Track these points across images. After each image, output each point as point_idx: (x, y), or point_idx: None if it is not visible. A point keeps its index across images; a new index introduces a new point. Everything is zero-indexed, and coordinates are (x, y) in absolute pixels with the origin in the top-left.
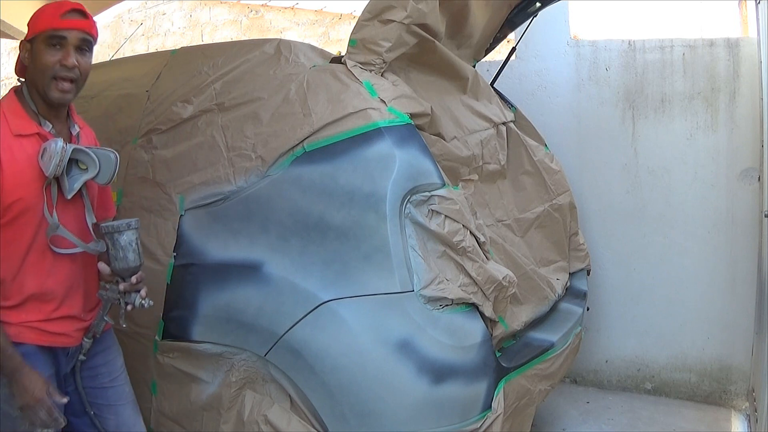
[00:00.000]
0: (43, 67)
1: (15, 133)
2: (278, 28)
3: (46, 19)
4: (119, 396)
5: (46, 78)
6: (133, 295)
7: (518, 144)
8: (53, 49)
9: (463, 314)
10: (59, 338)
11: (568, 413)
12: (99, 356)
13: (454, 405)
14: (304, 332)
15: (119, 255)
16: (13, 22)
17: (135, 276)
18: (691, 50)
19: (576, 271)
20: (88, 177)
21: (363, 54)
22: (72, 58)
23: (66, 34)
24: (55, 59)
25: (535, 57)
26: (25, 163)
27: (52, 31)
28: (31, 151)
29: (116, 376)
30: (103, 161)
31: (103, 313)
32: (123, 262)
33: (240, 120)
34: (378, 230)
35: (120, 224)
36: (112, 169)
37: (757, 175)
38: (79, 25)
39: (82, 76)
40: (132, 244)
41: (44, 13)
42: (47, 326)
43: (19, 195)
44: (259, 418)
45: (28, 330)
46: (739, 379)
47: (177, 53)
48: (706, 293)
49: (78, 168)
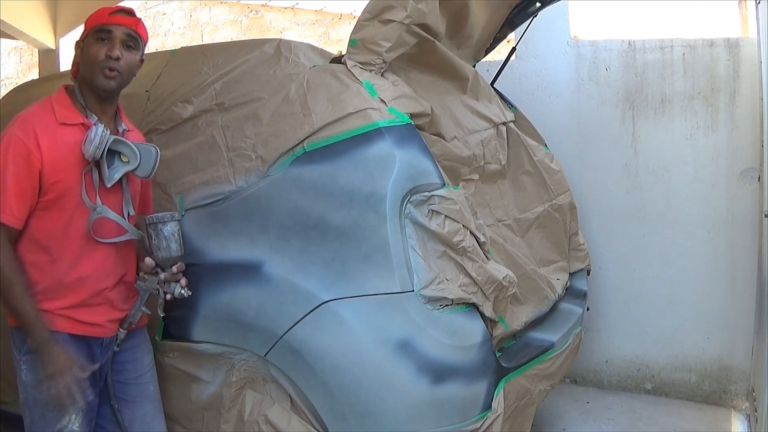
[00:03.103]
0: (91, 59)
1: (60, 122)
2: (278, 28)
3: (97, 18)
4: (141, 393)
5: (94, 68)
6: (173, 284)
7: (518, 144)
8: (101, 43)
9: (463, 314)
10: (91, 328)
11: (568, 413)
12: (128, 352)
13: (454, 405)
14: (304, 332)
15: (162, 245)
16: (13, 22)
17: (176, 266)
18: (691, 50)
19: (576, 271)
20: (128, 169)
21: (363, 54)
22: (117, 50)
23: (112, 29)
24: (102, 51)
25: (535, 57)
26: (66, 148)
27: (100, 26)
28: (74, 139)
29: (142, 373)
30: (144, 154)
31: (141, 303)
32: (166, 252)
33: (240, 120)
34: (378, 230)
35: (164, 215)
36: (152, 163)
37: (757, 175)
38: (125, 22)
39: (128, 70)
40: (175, 235)
41: (95, 14)
42: (79, 314)
43: (59, 177)
44: (259, 417)
45: (60, 318)
46: (739, 379)
47: (177, 53)
48: (706, 293)
49: (119, 160)
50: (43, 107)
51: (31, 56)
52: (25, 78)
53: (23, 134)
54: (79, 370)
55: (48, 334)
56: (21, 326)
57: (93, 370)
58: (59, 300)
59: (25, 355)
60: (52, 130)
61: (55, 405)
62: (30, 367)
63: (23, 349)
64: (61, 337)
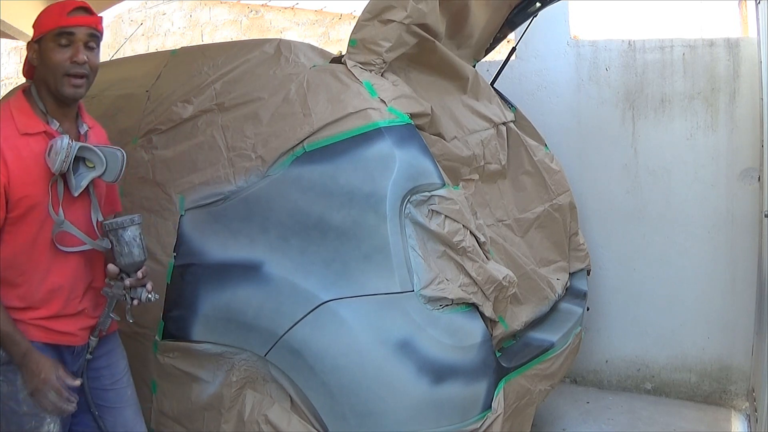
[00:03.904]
0: (54, 65)
1: (22, 132)
2: (278, 28)
3: (53, 17)
4: (120, 399)
5: (58, 76)
6: (139, 290)
7: (518, 144)
8: (62, 47)
9: (463, 314)
10: (64, 337)
11: (568, 413)
12: (102, 358)
13: (454, 405)
14: (304, 332)
15: (124, 251)
16: (13, 22)
17: (140, 271)
18: (691, 50)
19: (576, 271)
20: (95, 175)
21: (363, 54)
22: (82, 54)
23: (74, 30)
24: (65, 56)
25: (535, 57)
26: (31, 160)
27: (60, 29)
28: (38, 150)
29: (118, 378)
30: (109, 159)
31: (109, 310)
32: (128, 258)
33: (240, 120)
34: (378, 230)
35: (123, 220)
36: (119, 167)
37: (757, 175)
38: (86, 22)
39: (92, 72)
40: (136, 240)
41: (50, 12)
42: (53, 324)
43: (25, 192)
44: (259, 417)
45: (33, 327)
46: (739, 379)
47: (177, 53)
48: (706, 293)
49: (85, 166)
50: (3, 117)
51: None
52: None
53: None
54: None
55: (28, 344)
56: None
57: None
58: (33, 311)
59: (1, 366)
60: (14, 142)
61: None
62: (6, 378)
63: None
64: (35, 346)
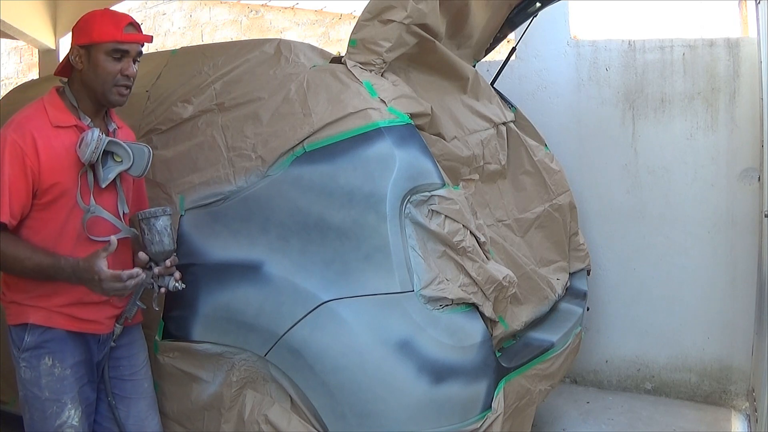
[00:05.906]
0: (106, 76)
1: (54, 124)
2: (278, 28)
3: (109, 31)
4: (136, 390)
5: (107, 85)
6: (167, 278)
7: (518, 144)
8: (115, 60)
9: (463, 314)
10: (90, 325)
11: (568, 413)
12: (124, 348)
13: (454, 405)
14: (304, 332)
15: (155, 239)
16: (13, 22)
17: (169, 260)
18: (691, 50)
19: (576, 271)
20: (122, 168)
21: (363, 54)
22: (132, 68)
23: (129, 48)
24: (116, 68)
25: (535, 57)
26: (62, 150)
27: (117, 44)
28: (69, 142)
29: (137, 370)
30: (136, 154)
31: (136, 297)
32: (159, 246)
33: (240, 120)
34: (378, 230)
35: (156, 210)
36: (145, 162)
37: (757, 175)
38: (138, 39)
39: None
40: (167, 229)
41: (104, 24)
42: (78, 312)
43: (56, 179)
44: (259, 417)
45: (57, 315)
46: (739, 379)
47: (177, 53)
48: (706, 293)
49: (113, 160)
50: (36, 109)
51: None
52: (25, 78)
53: (19, 137)
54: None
55: (74, 261)
56: (53, 278)
57: None
58: (57, 297)
59: (24, 353)
60: (47, 132)
61: (140, 289)
62: (29, 364)
63: (22, 347)
64: (58, 333)
